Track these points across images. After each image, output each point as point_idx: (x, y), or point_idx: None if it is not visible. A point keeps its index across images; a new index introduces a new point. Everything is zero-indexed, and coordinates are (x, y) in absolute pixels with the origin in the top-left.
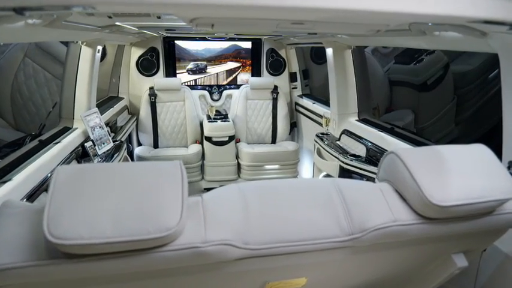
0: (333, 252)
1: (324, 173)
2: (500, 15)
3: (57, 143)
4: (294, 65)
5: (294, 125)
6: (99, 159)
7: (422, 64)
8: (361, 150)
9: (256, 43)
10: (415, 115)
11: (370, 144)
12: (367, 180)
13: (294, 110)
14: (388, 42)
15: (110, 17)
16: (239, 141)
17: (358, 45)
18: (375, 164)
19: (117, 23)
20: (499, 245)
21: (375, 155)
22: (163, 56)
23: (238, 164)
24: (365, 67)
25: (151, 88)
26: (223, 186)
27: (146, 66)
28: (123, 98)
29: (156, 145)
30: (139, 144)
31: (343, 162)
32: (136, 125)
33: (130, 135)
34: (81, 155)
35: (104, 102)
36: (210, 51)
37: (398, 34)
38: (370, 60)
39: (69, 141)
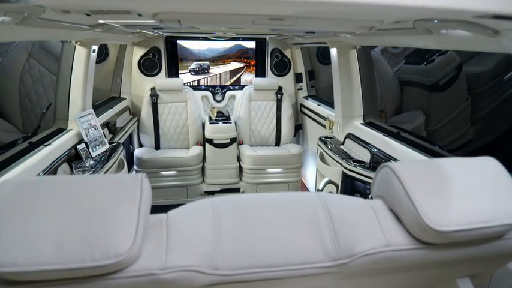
0: (317, 278)
1: (327, 179)
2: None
3: (47, 145)
4: (300, 66)
5: (299, 127)
6: (92, 162)
7: (434, 64)
8: (365, 155)
9: (261, 43)
10: (426, 116)
11: (374, 149)
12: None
13: (299, 111)
14: (394, 41)
15: (88, 15)
16: (242, 144)
17: (364, 45)
18: None
19: (101, 21)
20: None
21: (379, 161)
22: (165, 56)
23: (240, 167)
24: (371, 68)
25: (152, 88)
26: (196, 201)
27: (148, 66)
28: (125, 99)
29: (157, 146)
30: (141, 145)
31: (345, 168)
32: (138, 126)
33: (131, 136)
34: (74, 157)
35: (105, 103)
36: (213, 51)
37: (403, 33)
38: (379, 60)
39: (60, 144)
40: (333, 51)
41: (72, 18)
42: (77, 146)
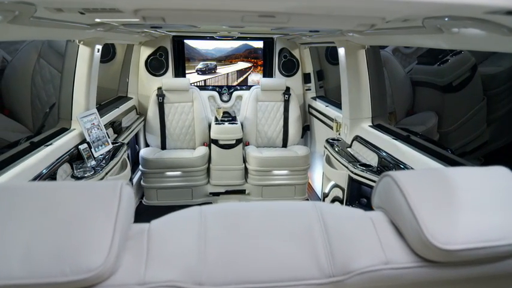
0: None
1: (333, 183)
2: None
3: (48, 145)
4: (308, 66)
5: (307, 129)
6: (94, 162)
7: (448, 65)
8: (373, 159)
9: (268, 42)
10: (439, 117)
11: (383, 153)
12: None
13: (307, 112)
14: (404, 41)
15: (82, 13)
16: (248, 144)
17: (373, 45)
18: None
19: (98, 20)
20: None
21: (387, 166)
22: (172, 56)
23: (246, 169)
24: (380, 68)
25: (159, 88)
26: (183, 209)
27: (155, 66)
28: (132, 98)
29: (163, 146)
30: (147, 145)
31: (352, 172)
32: (144, 126)
33: (137, 136)
34: (77, 157)
35: (111, 102)
36: (221, 50)
37: (412, 32)
38: (390, 60)
39: (61, 144)
40: (341, 51)
41: (67, 16)
42: (79, 146)
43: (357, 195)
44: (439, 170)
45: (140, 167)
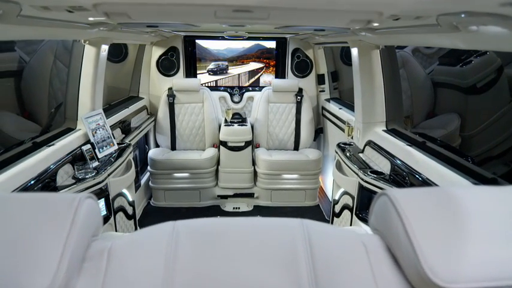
0: None
1: (342, 190)
2: None
3: (50, 145)
4: (322, 66)
5: (320, 131)
6: (98, 163)
7: (471, 66)
8: (385, 166)
9: (281, 42)
10: (461, 120)
11: (396, 160)
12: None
13: (321, 115)
14: (419, 41)
15: (70, 11)
16: (259, 147)
17: (387, 45)
18: (400, 185)
19: (91, 19)
20: None
21: (400, 174)
22: (183, 56)
23: (255, 172)
24: (396, 70)
25: (170, 89)
26: (155, 225)
27: (166, 66)
28: (143, 98)
29: (173, 147)
30: (157, 145)
31: (362, 179)
32: (155, 126)
33: (147, 137)
34: (80, 158)
35: (121, 102)
36: (232, 51)
37: (427, 31)
38: (410, 60)
39: (64, 144)
40: (354, 52)
41: (58, 15)
42: (82, 147)
43: (368, 204)
44: (445, 190)
45: (148, 167)
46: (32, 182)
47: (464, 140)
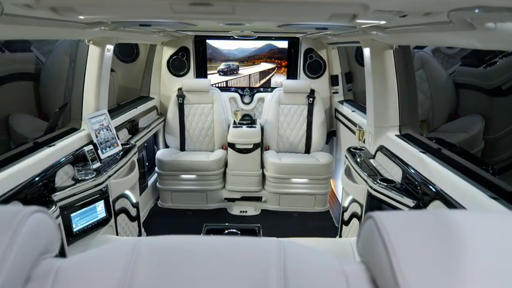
0: None
1: (351, 197)
2: None
3: (51, 145)
4: (336, 67)
5: (333, 134)
6: (100, 164)
7: (495, 68)
8: (397, 173)
9: (293, 42)
10: (485, 122)
11: (409, 168)
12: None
13: (334, 117)
14: (433, 40)
15: (54, 10)
16: (268, 149)
17: (401, 44)
18: (412, 195)
19: (81, 17)
20: None
21: (412, 183)
22: (194, 56)
23: (264, 175)
24: (411, 71)
25: (179, 89)
26: (114, 243)
27: (177, 66)
28: (153, 98)
29: (182, 148)
30: (167, 146)
31: (371, 187)
32: (164, 127)
33: (156, 137)
34: (82, 158)
35: (130, 103)
36: (243, 51)
37: (440, 29)
38: (429, 61)
39: (66, 144)
40: (366, 52)
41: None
42: (84, 148)
43: None
44: (441, 215)
45: (156, 168)
46: (28, 183)
47: (489, 144)
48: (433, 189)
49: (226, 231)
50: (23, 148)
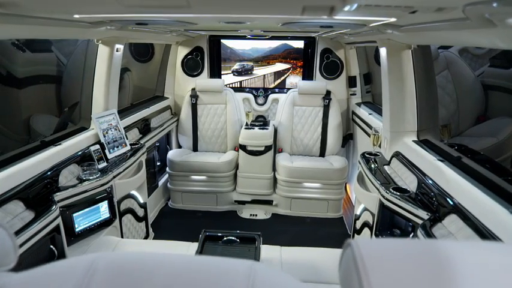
0: None
1: (363, 206)
2: None
3: (57, 144)
4: (354, 68)
5: (349, 137)
6: (106, 164)
7: None
8: (412, 182)
9: (310, 42)
10: None
11: (424, 177)
12: (413, 228)
13: (351, 120)
14: (451, 38)
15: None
16: (281, 151)
17: (420, 44)
18: (427, 207)
19: (76, 16)
20: None
21: (427, 193)
22: (208, 56)
23: (276, 178)
24: (431, 73)
25: (193, 89)
26: (73, 259)
27: (191, 66)
28: (167, 98)
29: (195, 148)
30: (179, 146)
31: (383, 196)
32: (177, 127)
33: (169, 137)
34: (89, 158)
35: (143, 102)
36: (258, 51)
37: (457, 27)
38: (456, 61)
39: (72, 143)
40: (383, 52)
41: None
42: (90, 147)
43: (389, 224)
44: (434, 247)
45: (167, 168)
46: (30, 182)
47: None
48: (450, 202)
49: (224, 239)
50: (29, 147)
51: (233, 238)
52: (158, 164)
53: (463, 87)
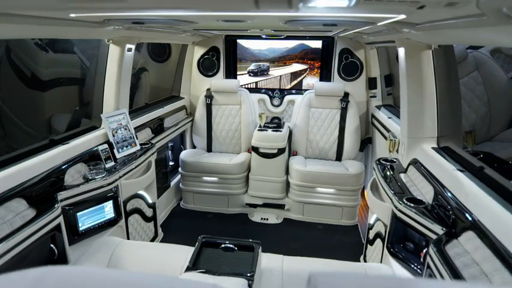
0: None
1: (375, 216)
2: None
3: (65, 143)
4: (374, 69)
5: (368, 142)
6: (114, 163)
7: None
8: (428, 192)
9: (328, 42)
10: None
11: (442, 188)
12: (427, 243)
13: (370, 123)
14: (471, 37)
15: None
16: (296, 154)
17: (440, 44)
18: (442, 221)
19: (72, 15)
20: None
21: (443, 206)
22: (224, 56)
23: (288, 182)
24: (454, 75)
25: (208, 89)
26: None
27: (207, 66)
28: (183, 98)
29: (209, 149)
30: (194, 146)
31: (396, 207)
32: (192, 127)
33: (184, 137)
34: (98, 157)
35: (158, 102)
36: (274, 51)
37: (474, 24)
38: (486, 62)
39: (80, 142)
40: (401, 52)
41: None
42: (98, 147)
43: (402, 237)
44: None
45: (179, 169)
46: (34, 180)
47: None
48: (468, 218)
49: (222, 246)
50: (38, 145)
51: (231, 246)
52: (172, 164)
53: (495, 89)
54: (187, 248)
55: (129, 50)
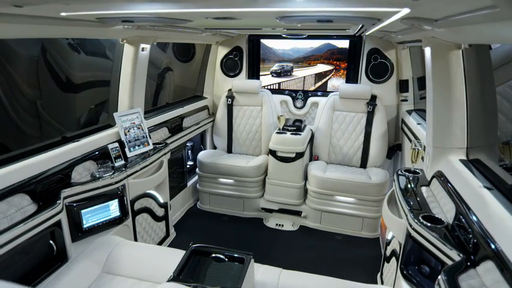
0: None
1: (391, 234)
2: None
3: (76, 140)
4: (406, 71)
5: (398, 148)
6: (124, 162)
7: None
8: (449, 211)
9: (355, 41)
10: None
11: (463, 206)
12: (442, 268)
13: (400, 128)
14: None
15: (17, 6)
16: (317, 159)
17: (469, 43)
18: (461, 245)
19: (63, 14)
20: None
21: (464, 228)
22: (246, 56)
23: (306, 188)
24: (488, 79)
25: (229, 90)
26: None
27: (230, 66)
28: (206, 98)
29: (229, 150)
30: (214, 147)
31: (410, 225)
32: (212, 127)
33: (204, 137)
34: (108, 155)
35: (180, 102)
36: (299, 51)
37: (491, 18)
38: None
39: (91, 140)
40: (427, 52)
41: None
42: (108, 145)
43: (418, 259)
44: None
45: (197, 169)
46: (39, 176)
47: None
48: (491, 245)
49: (212, 255)
50: (50, 142)
51: (221, 257)
52: (190, 163)
53: None
54: (183, 253)
55: (144, 49)
